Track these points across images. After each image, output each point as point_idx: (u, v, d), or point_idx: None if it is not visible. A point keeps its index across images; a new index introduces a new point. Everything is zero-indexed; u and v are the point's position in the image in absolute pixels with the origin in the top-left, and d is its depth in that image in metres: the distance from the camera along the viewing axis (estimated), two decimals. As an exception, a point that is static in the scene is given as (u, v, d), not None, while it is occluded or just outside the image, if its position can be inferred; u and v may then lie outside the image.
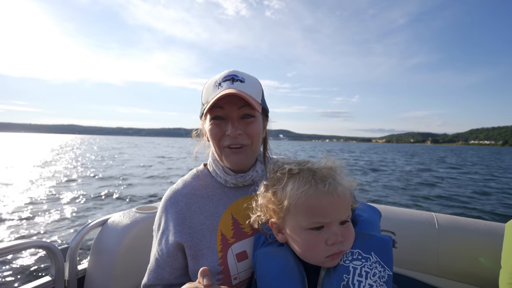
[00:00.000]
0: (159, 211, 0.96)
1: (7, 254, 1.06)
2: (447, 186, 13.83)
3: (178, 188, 0.97)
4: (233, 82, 0.86)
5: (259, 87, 0.94)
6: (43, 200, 8.92)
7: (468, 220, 1.33)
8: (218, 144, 0.89)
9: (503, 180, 17.04)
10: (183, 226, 0.89)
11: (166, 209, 0.94)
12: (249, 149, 0.90)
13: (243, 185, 0.97)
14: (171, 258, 0.89)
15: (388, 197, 10.80)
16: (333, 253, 0.69)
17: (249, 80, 0.90)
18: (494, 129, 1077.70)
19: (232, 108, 0.86)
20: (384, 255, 0.74)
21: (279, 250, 0.79)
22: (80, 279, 1.30)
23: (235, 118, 0.87)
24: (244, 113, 0.87)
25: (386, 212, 1.41)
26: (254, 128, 0.89)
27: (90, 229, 1.32)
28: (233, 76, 0.88)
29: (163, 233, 0.92)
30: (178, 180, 1.01)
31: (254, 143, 0.90)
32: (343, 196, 0.70)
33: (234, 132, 0.85)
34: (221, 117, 0.88)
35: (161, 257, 0.90)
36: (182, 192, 0.95)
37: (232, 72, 0.90)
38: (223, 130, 0.87)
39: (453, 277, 1.24)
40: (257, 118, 0.90)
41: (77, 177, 14.40)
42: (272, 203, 0.76)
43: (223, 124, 0.88)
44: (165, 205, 0.95)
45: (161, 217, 0.94)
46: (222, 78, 0.88)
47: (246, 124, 0.88)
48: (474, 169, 25.00)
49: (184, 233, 0.88)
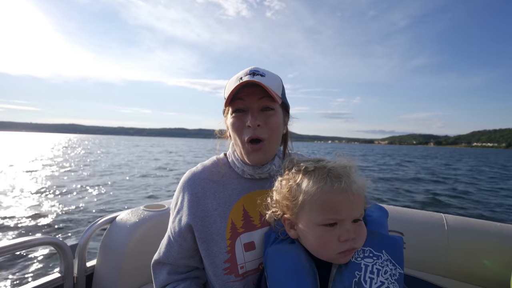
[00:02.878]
0: (176, 191, 1.01)
1: (18, 250, 1.07)
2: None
3: (197, 172, 1.00)
4: (253, 76, 0.89)
5: (280, 83, 0.96)
6: (52, 198, 9.04)
7: (478, 221, 1.32)
8: (240, 137, 0.91)
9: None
10: (196, 209, 0.92)
11: (183, 190, 0.97)
12: (268, 144, 0.91)
13: (259, 177, 0.99)
14: (181, 237, 0.93)
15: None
16: (345, 250, 0.69)
17: (269, 75, 0.93)
18: (496, 131, 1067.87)
19: (252, 99, 0.88)
20: (395, 254, 0.74)
21: (290, 247, 0.79)
22: (89, 276, 1.31)
23: (255, 109, 0.89)
24: (264, 105, 0.90)
25: (395, 213, 1.41)
26: (273, 121, 0.90)
27: (99, 227, 1.33)
28: (254, 71, 0.91)
29: (178, 212, 0.96)
30: (198, 164, 1.04)
31: (273, 137, 0.92)
32: (357, 194, 0.70)
33: (253, 122, 0.87)
34: (242, 110, 0.90)
35: (173, 235, 0.95)
36: (201, 176, 0.98)
37: (253, 68, 0.94)
38: (244, 122, 0.89)
39: (462, 278, 1.23)
40: (276, 111, 0.92)
41: (84, 175, 14.54)
42: (287, 199, 0.77)
43: (244, 116, 0.90)
44: (183, 185, 0.98)
45: (178, 196, 0.98)
46: (244, 73, 0.92)
47: (266, 117, 0.90)
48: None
49: (196, 216, 0.91)
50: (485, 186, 15.26)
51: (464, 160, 47.40)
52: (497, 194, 12.66)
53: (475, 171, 24.76)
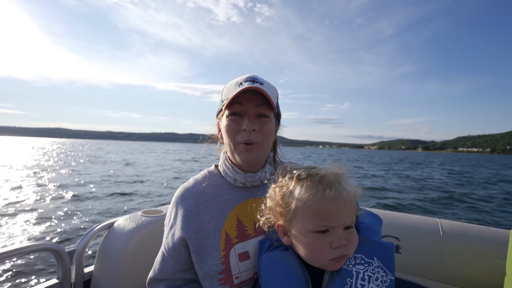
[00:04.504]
0: (170, 207, 1.02)
1: (15, 256, 1.06)
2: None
3: (189, 186, 1.02)
4: (253, 83, 0.92)
5: (276, 93, 1.01)
6: (49, 204, 8.85)
7: (473, 226, 1.34)
8: (233, 139, 0.94)
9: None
10: (189, 223, 0.93)
11: (176, 205, 0.99)
12: (260, 148, 0.95)
13: (251, 186, 1.01)
14: (176, 252, 0.93)
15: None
16: (337, 256, 0.71)
17: (267, 85, 0.97)
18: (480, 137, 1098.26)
19: (250, 104, 0.92)
20: (387, 261, 0.76)
21: (284, 255, 0.81)
22: (86, 282, 1.30)
23: (252, 114, 0.93)
24: (260, 112, 0.93)
25: (391, 218, 1.42)
26: (267, 127, 0.94)
27: (97, 233, 1.33)
28: (253, 79, 0.95)
29: (171, 228, 0.97)
30: (190, 178, 1.06)
31: (266, 142, 0.95)
32: (349, 201, 0.73)
33: (250, 126, 0.90)
34: (239, 113, 0.93)
35: (167, 250, 0.95)
36: (192, 191, 1.00)
37: (252, 75, 0.97)
38: (239, 126, 0.92)
39: (457, 283, 1.24)
40: (271, 119, 0.96)
41: (81, 180, 14.21)
42: (280, 206, 0.79)
43: (240, 119, 0.93)
44: (175, 201, 1.00)
45: (171, 212, 1.00)
46: (244, 79, 0.95)
47: (261, 123, 0.94)
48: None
49: (190, 230, 0.92)
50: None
51: (485, 165, 45.71)
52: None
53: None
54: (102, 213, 8.04)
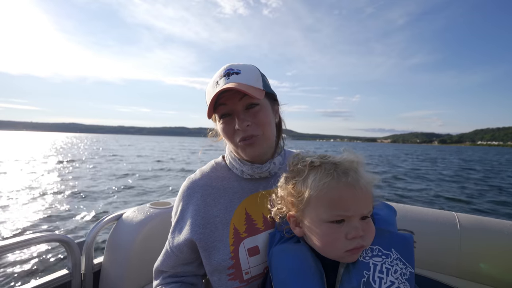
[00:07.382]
0: (176, 200, 1.00)
1: (26, 247, 1.08)
2: None
3: (195, 179, 0.99)
4: (228, 76, 0.87)
5: (257, 73, 0.93)
6: (60, 195, 9.18)
7: (492, 220, 1.29)
8: (232, 141, 0.91)
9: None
10: (196, 218, 0.91)
11: (182, 199, 0.97)
12: (262, 138, 0.90)
13: (259, 177, 0.97)
14: (178, 249, 0.92)
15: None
16: (353, 248, 0.67)
17: (245, 70, 0.90)
18: (500, 129, 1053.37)
19: (233, 101, 0.87)
20: (405, 252, 0.72)
21: (296, 247, 0.78)
22: (96, 273, 1.32)
23: (240, 111, 0.88)
24: (248, 103, 0.87)
25: (405, 211, 1.38)
26: (261, 116, 0.89)
27: (105, 224, 1.33)
28: (228, 71, 0.88)
29: (177, 223, 0.95)
30: (197, 170, 1.03)
31: (266, 131, 0.90)
32: (365, 189, 0.68)
33: (241, 124, 0.86)
34: (228, 114, 0.89)
35: (170, 245, 0.95)
36: (199, 183, 0.97)
37: (227, 67, 0.90)
38: (233, 126, 0.88)
39: (475, 279, 1.20)
40: (262, 105, 0.90)
41: (90, 173, 14.68)
42: (292, 196, 0.75)
43: (231, 120, 0.89)
44: (182, 195, 0.98)
45: (178, 206, 0.98)
46: (219, 75, 0.89)
47: (253, 114, 0.88)
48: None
49: (196, 225, 0.90)
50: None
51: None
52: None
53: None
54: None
